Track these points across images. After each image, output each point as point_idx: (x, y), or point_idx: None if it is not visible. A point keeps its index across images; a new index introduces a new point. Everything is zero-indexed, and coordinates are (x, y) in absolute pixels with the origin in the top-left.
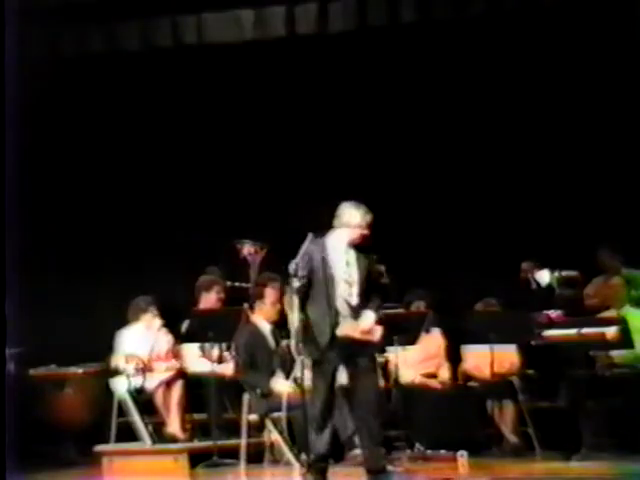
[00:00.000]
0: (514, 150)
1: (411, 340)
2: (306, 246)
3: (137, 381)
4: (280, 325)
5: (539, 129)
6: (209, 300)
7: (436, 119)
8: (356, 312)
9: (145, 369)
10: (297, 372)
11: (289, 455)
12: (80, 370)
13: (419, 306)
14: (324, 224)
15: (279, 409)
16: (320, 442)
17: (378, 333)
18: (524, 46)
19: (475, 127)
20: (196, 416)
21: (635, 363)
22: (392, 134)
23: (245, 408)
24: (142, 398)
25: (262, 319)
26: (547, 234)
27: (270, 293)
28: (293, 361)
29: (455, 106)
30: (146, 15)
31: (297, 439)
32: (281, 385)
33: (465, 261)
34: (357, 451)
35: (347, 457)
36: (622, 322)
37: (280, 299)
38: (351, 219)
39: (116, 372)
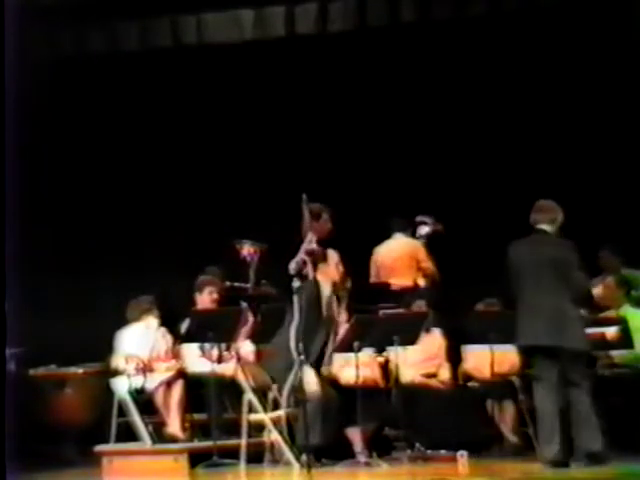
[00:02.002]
0: (514, 150)
1: (411, 340)
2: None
3: (137, 381)
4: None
5: (540, 130)
6: (203, 300)
7: (436, 119)
8: None
9: (145, 369)
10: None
11: (289, 455)
12: (80, 370)
13: (420, 306)
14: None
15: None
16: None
17: None
18: (524, 46)
19: (475, 127)
20: (196, 416)
21: (635, 363)
22: (392, 134)
23: (245, 408)
24: (142, 398)
25: (324, 280)
26: None
27: (332, 255)
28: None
29: (455, 106)
30: (146, 15)
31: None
32: (310, 381)
33: (466, 261)
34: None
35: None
36: (622, 322)
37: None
38: (560, 217)
39: (116, 372)
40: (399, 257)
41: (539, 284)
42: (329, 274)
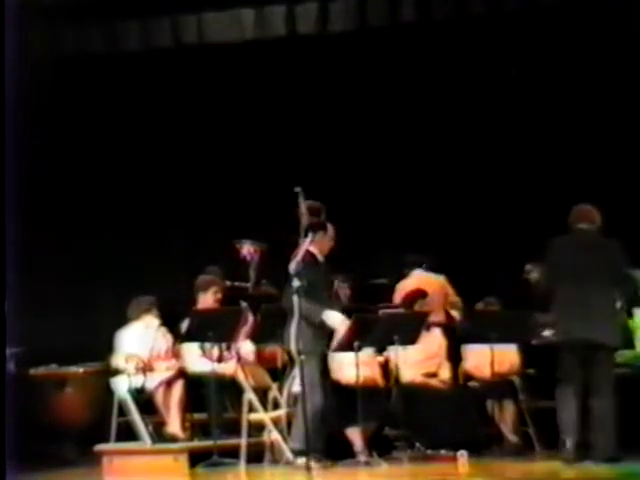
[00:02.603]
0: (515, 150)
1: (411, 339)
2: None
3: (137, 381)
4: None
5: (540, 130)
6: (206, 300)
7: (437, 119)
8: None
9: (145, 368)
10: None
11: (289, 455)
12: (80, 370)
13: (422, 305)
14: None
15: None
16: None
17: None
18: (525, 46)
19: (476, 127)
20: (196, 416)
21: (635, 362)
22: (392, 134)
23: (245, 408)
24: (142, 398)
25: (318, 251)
26: (548, 234)
27: (331, 228)
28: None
29: (456, 106)
30: (146, 15)
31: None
32: (335, 318)
33: (466, 260)
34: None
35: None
36: None
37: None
38: (599, 219)
39: (116, 372)
40: (430, 295)
41: (583, 280)
42: (323, 247)
